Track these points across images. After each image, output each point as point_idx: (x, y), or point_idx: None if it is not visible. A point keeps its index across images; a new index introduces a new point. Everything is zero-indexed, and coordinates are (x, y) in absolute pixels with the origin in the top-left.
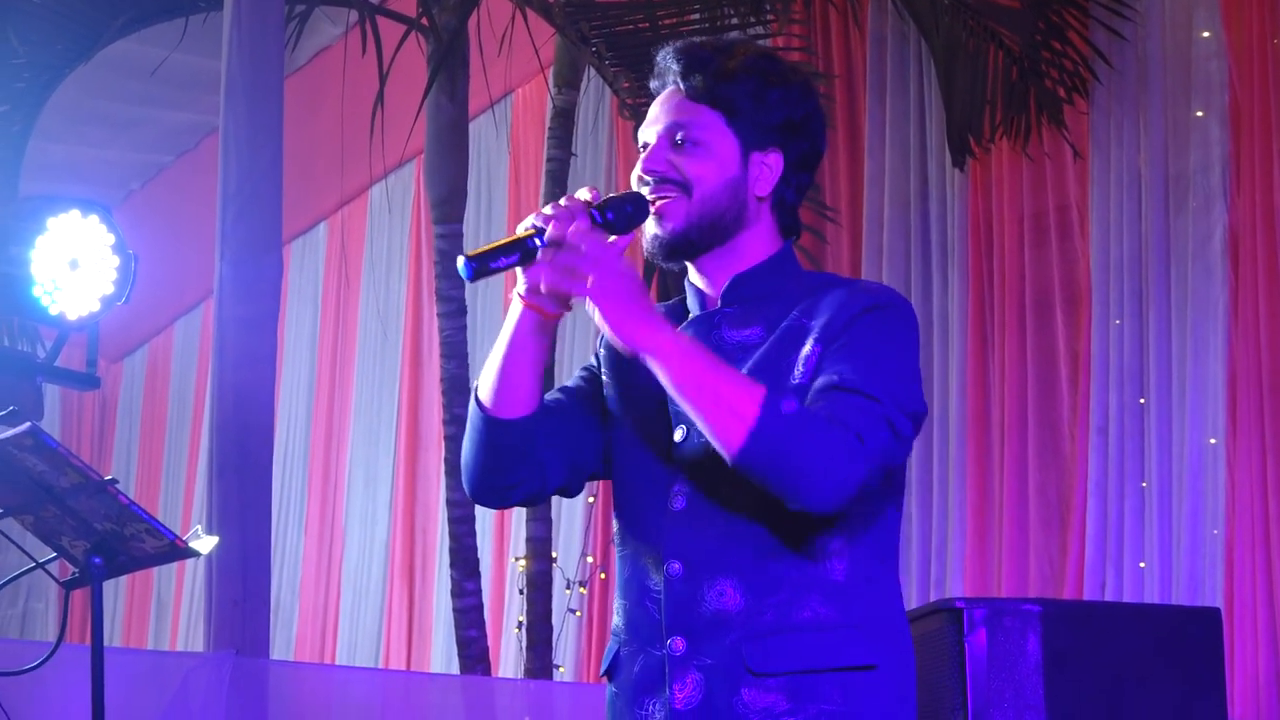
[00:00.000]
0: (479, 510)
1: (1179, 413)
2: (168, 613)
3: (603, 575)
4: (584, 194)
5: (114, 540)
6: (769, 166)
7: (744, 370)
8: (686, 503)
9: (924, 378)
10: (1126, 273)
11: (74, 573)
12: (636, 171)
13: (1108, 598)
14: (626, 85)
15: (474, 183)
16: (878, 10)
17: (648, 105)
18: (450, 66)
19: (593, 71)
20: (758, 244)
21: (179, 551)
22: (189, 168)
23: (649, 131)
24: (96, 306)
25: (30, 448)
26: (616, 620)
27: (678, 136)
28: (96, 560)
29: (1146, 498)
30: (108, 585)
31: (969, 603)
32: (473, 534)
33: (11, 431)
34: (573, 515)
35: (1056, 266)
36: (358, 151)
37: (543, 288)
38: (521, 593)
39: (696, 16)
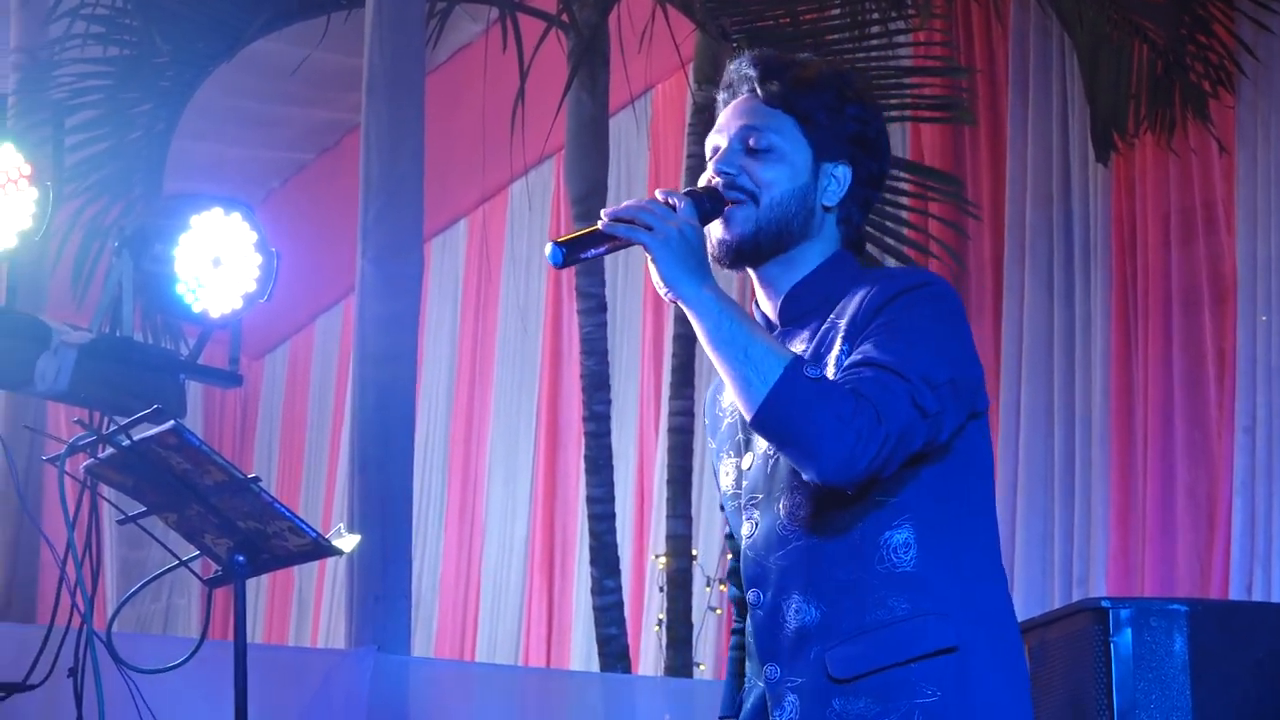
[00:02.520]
0: (619, 507)
1: None
2: (309, 609)
3: None
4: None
5: (257, 538)
6: (837, 179)
7: None
8: (754, 529)
9: (1067, 375)
10: (1274, 269)
11: (217, 570)
12: (708, 174)
13: (1255, 597)
14: None
15: (614, 179)
16: (1020, 4)
17: None
18: (590, 63)
19: None
20: (819, 256)
21: (321, 549)
22: (330, 166)
23: (720, 135)
24: (239, 304)
25: (174, 446)
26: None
27: (752, 140)
28: (239, 558)
29: None
30: (249, 582)
31: (1114, 602)
32: (613, 531)
33: (156, 430)
34: (713, 512)
35: (1202, 263)
36: (498, 148)
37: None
38: (662, 590)
39: (837, 11)
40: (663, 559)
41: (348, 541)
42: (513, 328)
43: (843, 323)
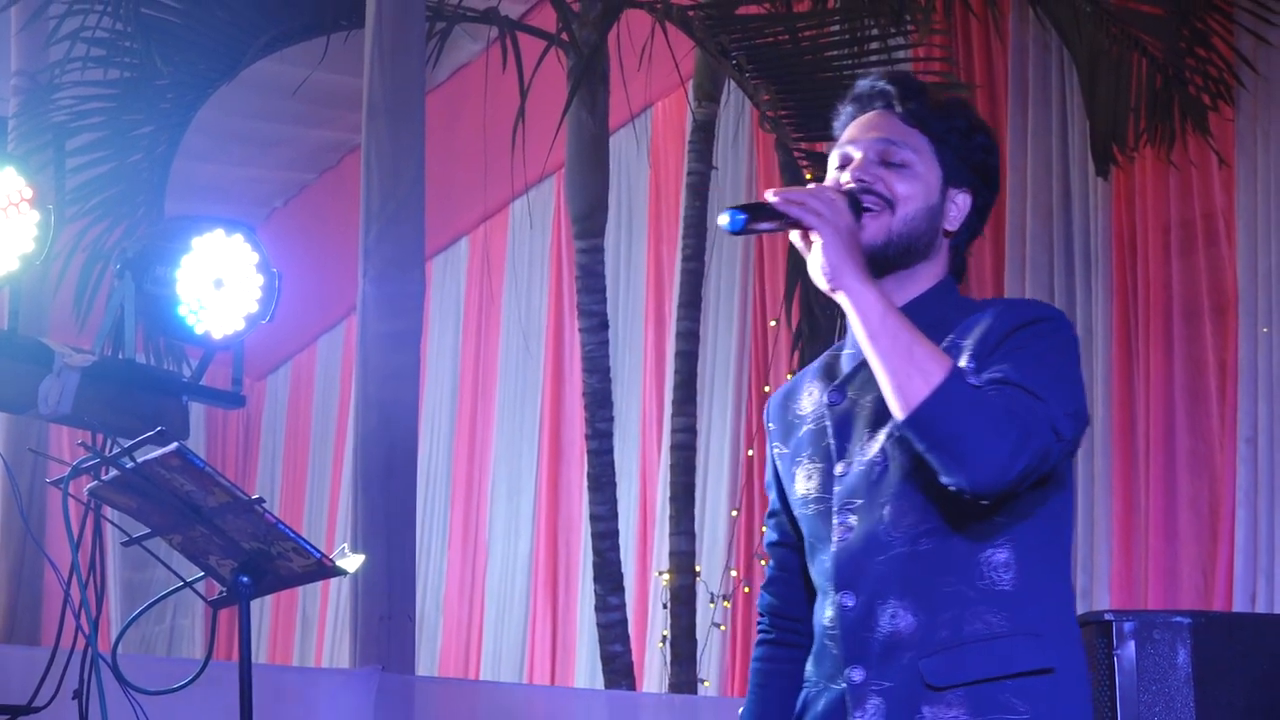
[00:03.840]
0: (622, 524)
1: None
2: (313, 629)
3: (746, 589)
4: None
5: (261, 559)
6: (958, 205)
7: None
8: (849, 534)
9: None
10: (1275, 280)
11: (221, 591)
12: (843, 179)
13: (1258, 609)
14: (767, 98)
15: (615, 197)
16: (1019, 19)
17: (788, 117)
18: (590, 81)
19: (733, 84)
20: (931, 276)
21: (326, 570)
22: (331, 186)
23: (853, 147)
24: (241, 325)
25: (178, 468)
26: (808, 666)
27: (890, 154)
28: (244, 579)
29: None
30: (253, 602)
31: (1118, 615)
32: (616, 548)
33: (159, 452)
34: (716, 529)
35: (1203, 275)
36: (498, 167)
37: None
38: (665, 607)
39: (837, 28)
40: (666, 575)
41: (352, 561)
42: (514, 346)
43: (967, 342)
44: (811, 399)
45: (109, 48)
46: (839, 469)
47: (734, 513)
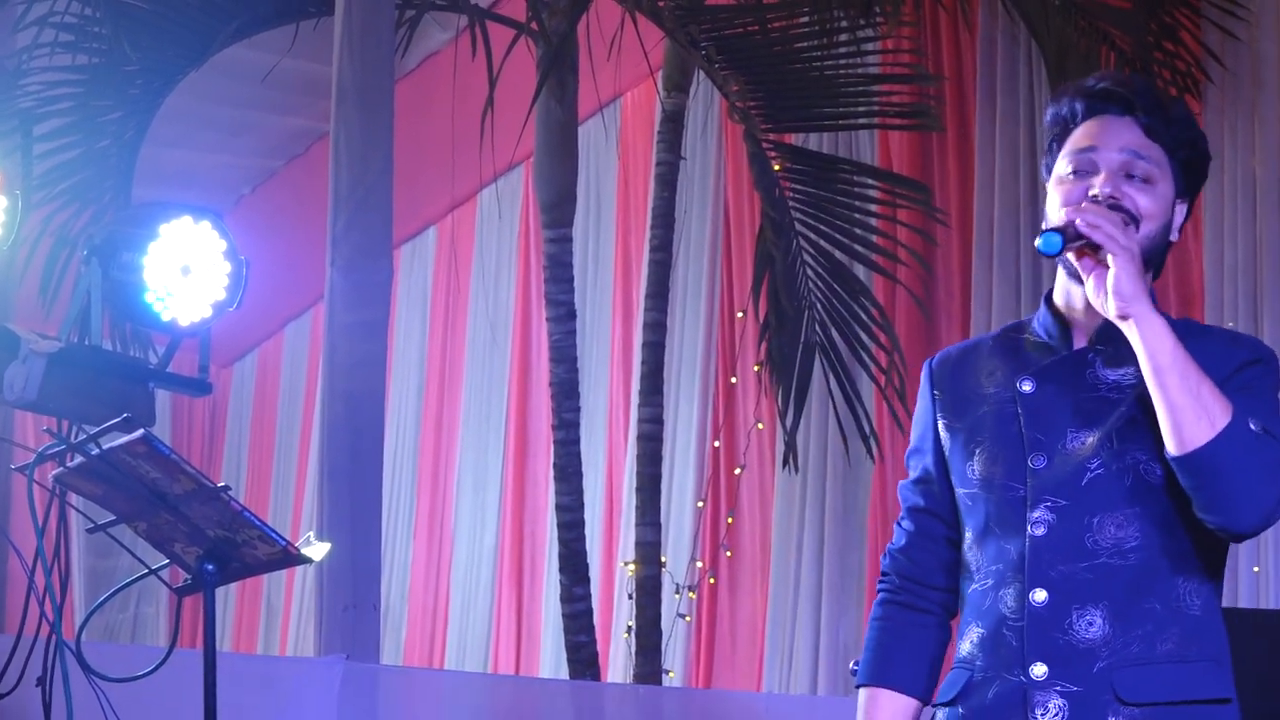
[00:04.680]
0: (588, 515)
1: None
2: (277, 617)
3: (712, 580)
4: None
5: (226, 547)
6: (1178, 217)
7: (1123, 409)
8: (1047, 530)
9: None
10: (1241, 274)
11: (186, 579)
12: (1092, 191)
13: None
14: (736, 88)
15: (583, 187)
16: (988, 11)
17: (757, 108)
18: (559, 70)
19: (702, 75)
20: None
21: (291, 558)
22: (299, 173)
23: (1098, 155)
24: (208, 312)
25: (143, 455)
26: (967, 648)
27: (1134, 167)
28: (209, 567)
29: None
30: (218, 590)
31: None
32: (582, 539)
33: (125, 438)
34: (682, 520)
35: (1170, 269)
36: (467, 156)
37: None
38: (631, 597)
39: (806, 19)
40: (632, 566)
41: (317, 550)
42: (482, 335)
43: None
44: (993, 380)
45: (77, 33)
46: (1035, 460)
47: (700, 504)
